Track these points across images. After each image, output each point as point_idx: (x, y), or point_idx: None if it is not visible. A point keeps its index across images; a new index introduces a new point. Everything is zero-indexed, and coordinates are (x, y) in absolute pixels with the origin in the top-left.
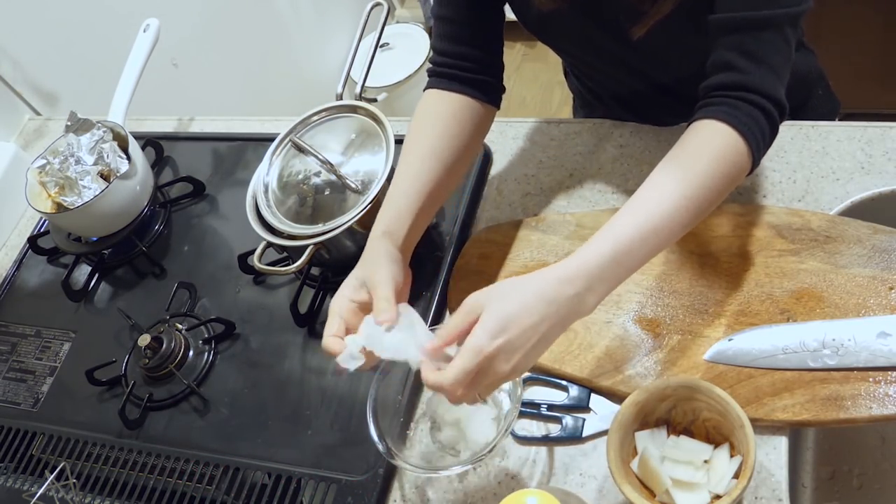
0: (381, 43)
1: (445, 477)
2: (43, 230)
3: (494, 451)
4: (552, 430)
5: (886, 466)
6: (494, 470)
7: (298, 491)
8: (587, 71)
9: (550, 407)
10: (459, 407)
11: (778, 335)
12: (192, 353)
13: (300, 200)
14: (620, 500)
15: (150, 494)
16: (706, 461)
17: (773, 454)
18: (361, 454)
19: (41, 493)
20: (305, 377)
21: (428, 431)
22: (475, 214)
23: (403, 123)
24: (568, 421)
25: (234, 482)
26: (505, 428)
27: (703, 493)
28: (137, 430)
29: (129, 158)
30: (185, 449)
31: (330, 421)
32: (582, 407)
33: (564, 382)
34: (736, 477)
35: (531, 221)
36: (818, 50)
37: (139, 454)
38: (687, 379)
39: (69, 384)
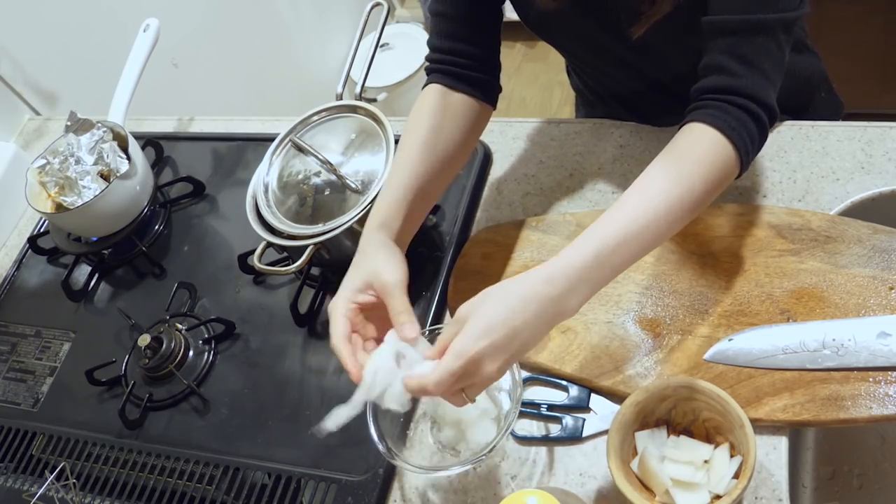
0: (381, 43)
1: (445, 477)
2: (43, 230)
3: (494, 451)
4: (552, 430)
5: (886, 466)
6: (494, 470)
7: (298, 491)
8: (588, 70)
9: (550, 407)
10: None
11: (778, 335)
12: (192, 353)
13: (300, 200)
14: (620, 500)
15: (150, 494)
16: (706, 461)
17: (773, 454)
18: (361, 454)
19: (41, 493)
20: (305, 377)
21: (428, 431)
22: (475, 214)
23: (403, 123)
24: (568, 421)
25: (234, 482)
26: (505, 428)
27: (703, 493)
28: (137, 430)
29: (129, 158)
30: (185, 449)
31: None
32: (582, 407)
33: (564, 382)
34: (736, 477)
35: (531, 221)
36: (818, 50)
37: (139, 454)
38: (687, 379)
39: (69, 384)
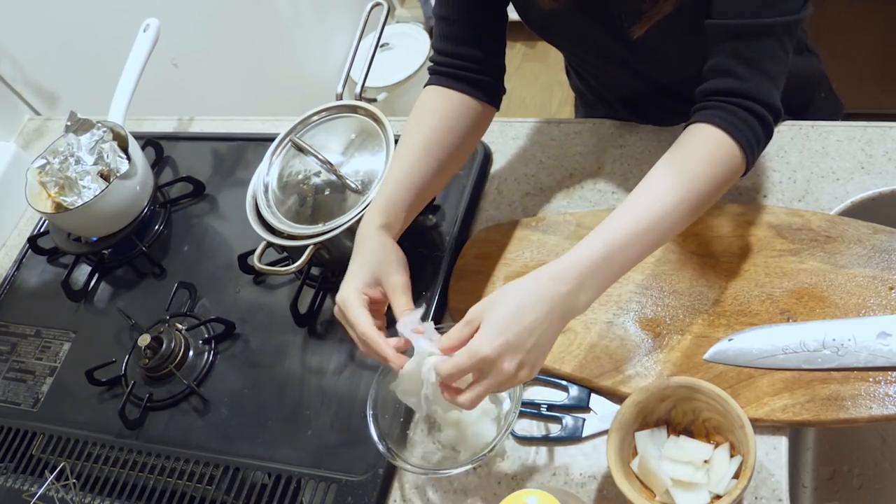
0: (381, 43)
1: (445, 477)
2: (43, 230)
3: (494, 451)
4: (552, 430)
5: (886, 466)
6: (494, 470)
7: (298, 491)
8: (589, 70)
9: (550, 407)
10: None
11: (778, 335)
12: (192, 353)
13: (300, 200)
14: (620, 500)
15: (150, 494)
16: (706, 461)
17: (773, 454)
18: (361, 454)
19: (41, 493)
20: (305, 377)
21: (428, 432)
22: (475, 214)
23: (403, 123)
24: (568, 421)
25: (234, 482)
26: (505, 428)
27: (703, 493)
28: (137, 430)
29: (129, 158)
30: (185, 449)
31: (330, 421)
32: (582, 407)
33: (564, 382)
34: (736, 477)
35: (531, 221)
36: (818, 50)
37: (139, 454)
38: (687, 379)
39: (69, 384)
